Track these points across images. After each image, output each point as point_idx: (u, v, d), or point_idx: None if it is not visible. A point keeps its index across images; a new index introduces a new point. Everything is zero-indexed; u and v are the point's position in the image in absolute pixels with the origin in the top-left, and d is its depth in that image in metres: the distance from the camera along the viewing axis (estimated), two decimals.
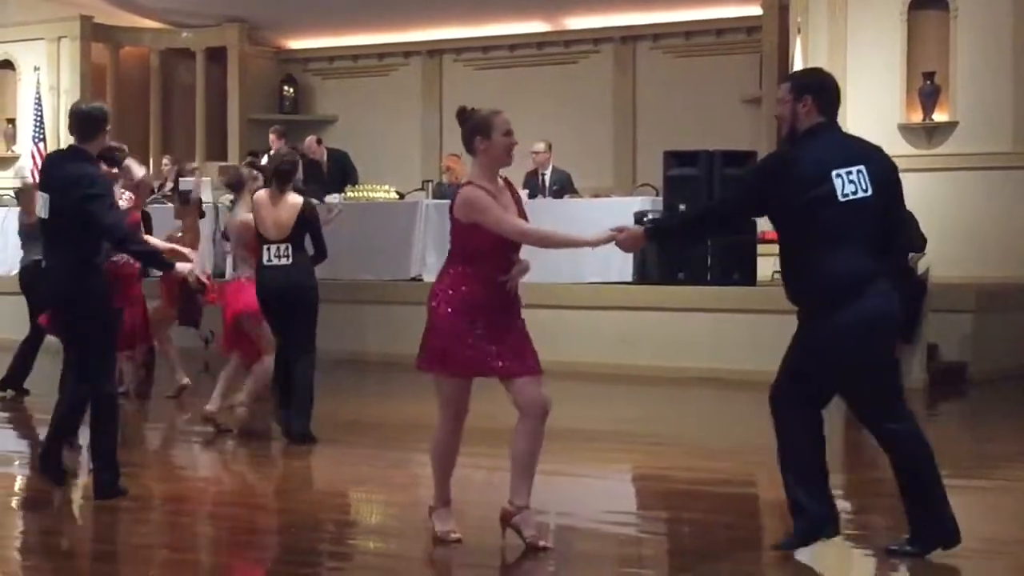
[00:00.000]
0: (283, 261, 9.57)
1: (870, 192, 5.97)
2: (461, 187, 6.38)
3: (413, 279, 15.38)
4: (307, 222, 9.59)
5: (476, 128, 6.34)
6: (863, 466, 9.62)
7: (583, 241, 6.45)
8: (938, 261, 13.37)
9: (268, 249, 9.60)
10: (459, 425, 6.40)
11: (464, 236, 6.29)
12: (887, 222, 6.09)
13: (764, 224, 14.66)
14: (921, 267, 12.80)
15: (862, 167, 5.99)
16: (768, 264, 14.51)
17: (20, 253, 12.55)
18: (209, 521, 7.56)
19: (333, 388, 10.00)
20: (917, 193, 14.20)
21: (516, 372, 6.22)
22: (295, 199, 9.58)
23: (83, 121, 7.57)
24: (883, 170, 6.10)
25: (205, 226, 16.41)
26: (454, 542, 6.38)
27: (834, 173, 5.94)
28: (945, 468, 9.25)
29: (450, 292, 6.25)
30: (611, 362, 13.60)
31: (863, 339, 5.93)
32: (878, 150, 6.24)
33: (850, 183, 5.94)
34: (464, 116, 6.40)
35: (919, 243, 12.78)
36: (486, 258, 6.24)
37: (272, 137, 18.02)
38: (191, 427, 10.62)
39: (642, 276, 13.88)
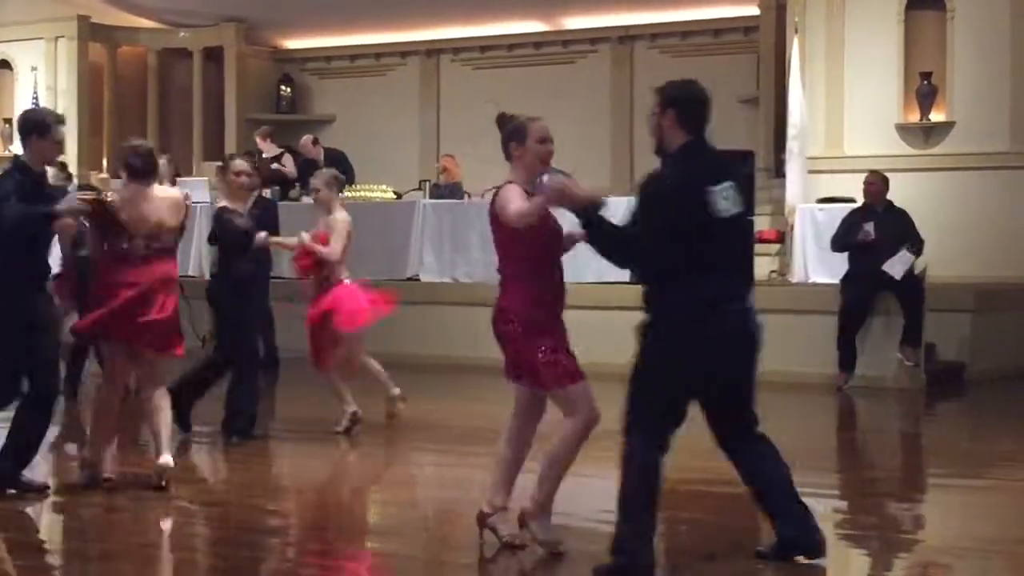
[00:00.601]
0: None
1: (741, 208, 5.94)
2: (500, 187, 6.32)
3: (410, 279, 15.37)
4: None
5: (511, 134, 6.33)
6: (857, 466, 9.64)
7: (542, 200, 6.21)
8: (936, 261, 13.36)
9: None
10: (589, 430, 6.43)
11: (510, 248, 6.22)
12: (750, 237, 6.11)
13: (761, 224, 14.79)
14: (918, 267, 12.81)
15: (732, 183, 5.91)
16: (765, 264, 14.52)
17: None
18: (207, 521, 7.56)
19: (331, 387, 10.00)
20: (914, 193, 14.34)
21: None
22: (223, 203, 9.57)
23: (18, 125, 7.52)
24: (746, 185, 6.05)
25: (199, 227, 16.42)
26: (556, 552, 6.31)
27: (710, 191, 5.84)
28: (942, 468, 9.37)
29: (523, 310, 6.16)
30: (612, 361, 13.49)
31: (720, 353, 5.90)
32: (738, 166, 6.23)
33: (724, 200, 5.85)
34: (503, 122, 6.38)
35: (917, 244, 12.79)
36: (539, 264, 6.22)
37: (258, 139, 17.96)
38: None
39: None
